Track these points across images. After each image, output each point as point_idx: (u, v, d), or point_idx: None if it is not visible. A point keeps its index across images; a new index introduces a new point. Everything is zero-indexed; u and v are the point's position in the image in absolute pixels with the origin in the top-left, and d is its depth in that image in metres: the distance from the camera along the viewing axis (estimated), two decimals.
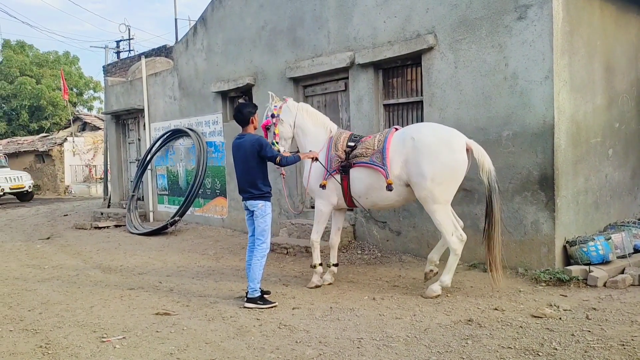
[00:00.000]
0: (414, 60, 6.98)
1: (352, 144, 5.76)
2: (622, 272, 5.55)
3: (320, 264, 6.04)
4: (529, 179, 5.91)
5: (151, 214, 12.20)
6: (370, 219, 7.59)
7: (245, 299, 5.23)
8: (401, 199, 5.69)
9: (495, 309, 4.77)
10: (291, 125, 6.06)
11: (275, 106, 6.10)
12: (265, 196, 5.36)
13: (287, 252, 7.75)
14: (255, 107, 5.54)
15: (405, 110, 7.31)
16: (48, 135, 28.42)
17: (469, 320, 4.48)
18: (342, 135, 5.94)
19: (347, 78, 7.80)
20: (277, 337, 4.30)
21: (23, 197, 20.37)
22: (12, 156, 25.48)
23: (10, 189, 19.61)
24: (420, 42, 6.67)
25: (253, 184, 5.31)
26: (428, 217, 6.77)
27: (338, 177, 5.76)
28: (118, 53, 24.87)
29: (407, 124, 7.24)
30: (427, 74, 6.77)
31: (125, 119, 13.49)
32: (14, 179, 19.98)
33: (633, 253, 5.96)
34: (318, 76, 8.20)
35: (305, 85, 8.57)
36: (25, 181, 20.37)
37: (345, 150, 5.76)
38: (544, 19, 5.68)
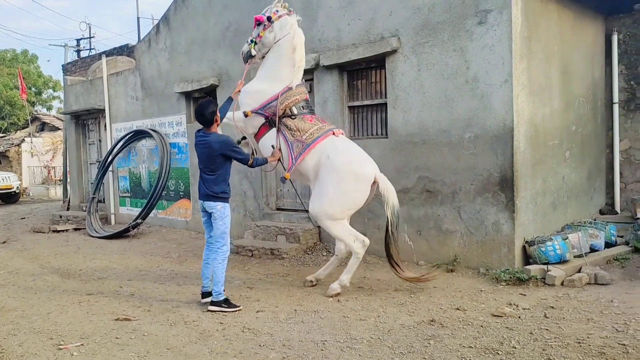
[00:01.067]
0: (378, 62, 7.03)
1: (295, 111, 5.68)
2: (579, 271, 5.71)
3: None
4: (489, 181, 6.03)
5: (112, 217, 11.91)
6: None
7: (210, 302, 5.15)
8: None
9: (457, 309, 4.84)
10: (274, 41, 5.80)
11: (277, 11, 5.83)
12: (224, 198, 5.26)
13: (252, 255, 7.69)
14: (216, 104, 5.36)
15: (370, 112, 7.36)
16: (5, 136, 27.45)
17: (432, 321, 4.53)
18: (296, 92, 5.74)
19: (312, 79, 7.79)
20: (240, 341, 4.25)
21: (10, 198, 19.39)
22: None
23: (0, 189, 18.81)
24: (384, 44, 6.72)
25: (215, 185, 5.18)
26: None
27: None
28: (78, 52, 24.27)
29: (372, 126, 7.31)
30: (391, 77, 6.83)
31: (85, 119, 13.15)
32: (3, 179, 19.13)
33: (589, 252, 6.15)
34: None
35: None
36: (13, 182, 19.53)
37: (284, 110, 5.66)
38: (503, 24, 5.80)
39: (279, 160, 5.63)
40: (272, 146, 5.67)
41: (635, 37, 7.49)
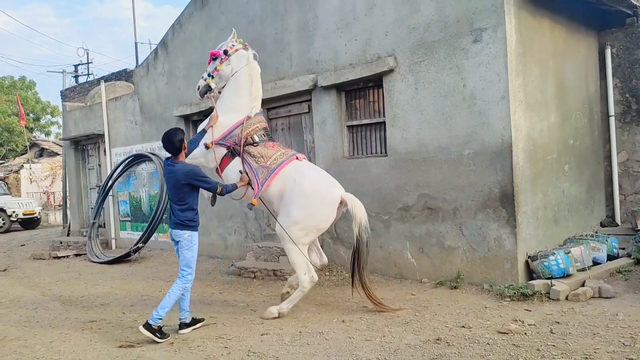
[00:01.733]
0: (376, 82, 7.10)
1: (257, 139, 5.80)
2: (583, 284, 5.70)
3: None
4: (490, 196, 6.05)
5: (113, 242, 11.88)
6: (337, 239, 7.60)
7: (144, 323, 4.98)
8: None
9: (463, 327, 4.82)
10: (231, 73, 5.92)
11: (233, 45, 5.98)
12: (192, 226, 5.21)
13: (255, 276, 7.66)
14: (184, 133, 5.34)
15: (369, 131, 7.40)
16: (4, 163, 27.50)
17: (438, 339, 4.50)
18: (255, 121, 5.89)
19: (310, 100, 7.86)
20: None
21: (32, 223, 19.65)
22: None
23: (24, 214, 19.05)
24: (381, 64, 6.80)
25: (182, 213, 5.16)
26: (394, 237, 6.88)
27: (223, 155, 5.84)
28: (76, 77, 24.44)
29: (372, 145, 7.36)
30: (389, 96, 6.89)
31: (84, 145, 13.20)
32: (26, 204, 19.50)
33: (592, 266, 6.14)
34: (281, 99, 8.24)
35: (269, 108, 8.59)
36: (35, 207, 19.83)
37: (246, 138, 5.75)
38: (498, 42, 5.88)
39: (249, 184, 5.62)
40: (240, 171, 5.68)
41: (629, 51, 7.58)
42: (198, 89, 6.22)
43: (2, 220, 18.91)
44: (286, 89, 7.98)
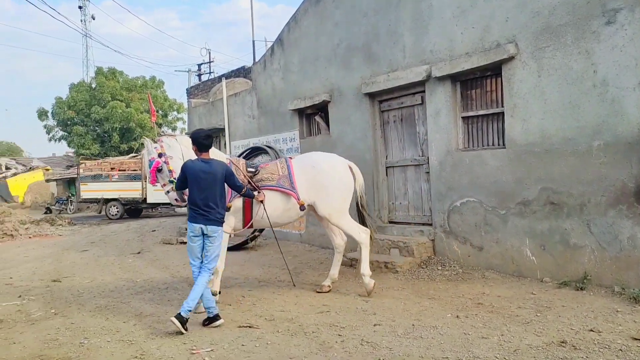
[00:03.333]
0: (494, 70, 6.80)
1: (252, 169, 6.28)
2: None
3: (220, 292, 6.23)
4: (623, 192, 5.55)
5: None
6: (450, 234, 7.41)
7: (177, 315, 5.07)
8: (299, 218, 6.80)
9: (591, 330, 4.49)
10: (181, 159, 5.92)
11: (156, 147, 6.08)
12: (223, 222, 5.45)
13: None
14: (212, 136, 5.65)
15: (485, 122, 7.12)
16: (137, 155, 30.22)
17: (562, 342, 4.24)
18: (240, 162, 6.37)
19: (424, 92, 7.72)
20: (359, 354, 4.28)
21: (137, 212, 22.48)
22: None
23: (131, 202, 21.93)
24: (501, 52, 6.49)
25: (218, 210, 5.33)
26: (512, 232, 6.58)
27: (240, 200, 6.05)
28: (199, 76, 26.13)
29: (488, 137, 7.07)
30: (508, 85, 6.57)
31: None
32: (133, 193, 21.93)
33: None
34: (394, 91, 8.19)
35: (381, 100, 8.58)
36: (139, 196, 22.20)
37: (246, 175, 6.14)
38: (635, 23, 5.35)
39: (262, 202, 6.02)
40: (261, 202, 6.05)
41: None
42: (176, 200, 6.14)
43: (117, 208, 21.83)
44: (399, 81, 7.91)
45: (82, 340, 4.96)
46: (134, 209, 22.39)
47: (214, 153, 6.02)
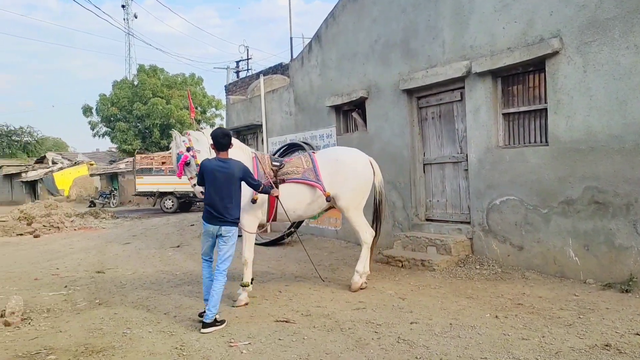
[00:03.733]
0: (537, 66, 6.63)
1: (277, 164, 6.44)
2: None
3: (252, 280, 6.33)
4: None
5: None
6: (489, 232, 7.29)
7: (202, 324, 5.06)
8: (321, 210, 6.78)
9: (637, 334, 4.34)
10: (208, 153, 5.97)
11: (184, 140, 6.10)
12: (237, 222, 5.44)
13: (402, 265, 7.68)
14: (231, 135, 5.59)
15: (527, 118, 6.95)
16: None
17: (607, 345, 4.11)
18: (265, 156, 6.52)
19: (463, 88, 7.60)
20: (396, 352, 4.27)
21: (188, 206, 23.01)
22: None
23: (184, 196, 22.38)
24: (544, 46, 6.33)
25: (234, 210, 5.31)
26: (554, 232, 6.42)
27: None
28: (237, 72, 26.44)
29: (530, 134, 6.92)
30: (552, 80, 6.39)
31: (244, 134, 14.27)
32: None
33: None
34: (432, 87, 8.09)
35: (419, 97, 8.49)
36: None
37: (272, 169, 6.32)
38: None
39: (277, 197, 6.14)
40: (276, 198, 6.19)
41: None
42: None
43: (172, 202, 22.32)
44: (437, 77, 7.81)
45: (125, 331, 5.11)
46: (186, 203, 22.75)
47: (239, 147, 6.22)
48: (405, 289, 6.42)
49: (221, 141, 5.36)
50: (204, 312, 5.20)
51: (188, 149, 6.11)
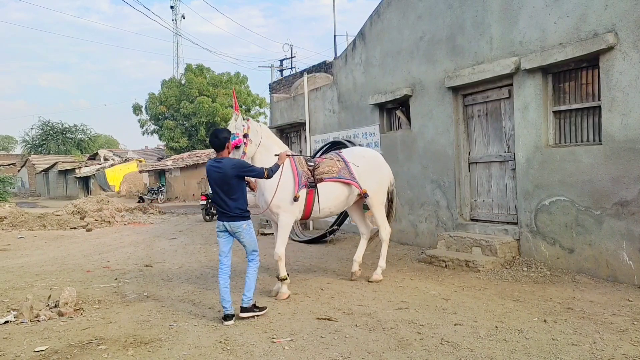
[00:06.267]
0: (590, 62, 6.38)
1: (312, 164, 6.57)
2: None
3: (288, 275, 6.37)
4: None
5: (311, 223, 12.77)
6: (537, 234, 7.08)
7: (240, 308, 5.34)
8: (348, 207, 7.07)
9: None
10: (257, 145, 6.19)
11: (244, 125, 6.08)
12: (247, 216, 5.42)
13: (446, 265, 7.55)
14: (230, 132, 5.58)
15: (579, 116, 6.71)
16: None
17: None
18: (300, 157, 6.69)
19: (511, 85, 7.40)
20: (439, 353, 4.20)
21: None
22: (192, 167, 28.64)
23: None
24: (598, 41, 6.08)
25: (235, 206, 5.33)
26: (607, 235, 6.19)
27: (304, 191, 6.33)
28: (281, 71, 26.61)
29: (582, 132, 6.68)
30: (606, 77, 6.14)
31: (288, 132, 14.38)
32: None
33: None
34: (479, 84, 7.92)
35: (465, 94, 8.33)
36: None
37: (308, 168, 6.45)
38: None
39: (288, 155, 6.13)
40: (275, 154, 6.13)
41: None
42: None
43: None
44: (484, 74, 7.63)
45: (172, 323, 5.25)
46: None
47: (278, 145, 6.44)
48: (448, 290, 6.32)
49: (212, 140, 5.49)
50: (226, 315, 5.29)
51: (245, 135, 6.20)
